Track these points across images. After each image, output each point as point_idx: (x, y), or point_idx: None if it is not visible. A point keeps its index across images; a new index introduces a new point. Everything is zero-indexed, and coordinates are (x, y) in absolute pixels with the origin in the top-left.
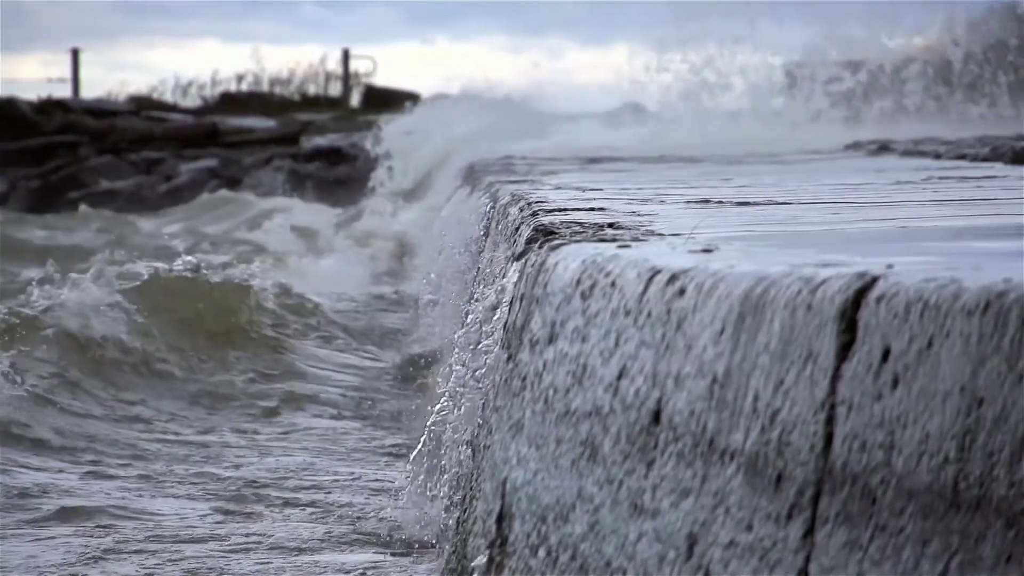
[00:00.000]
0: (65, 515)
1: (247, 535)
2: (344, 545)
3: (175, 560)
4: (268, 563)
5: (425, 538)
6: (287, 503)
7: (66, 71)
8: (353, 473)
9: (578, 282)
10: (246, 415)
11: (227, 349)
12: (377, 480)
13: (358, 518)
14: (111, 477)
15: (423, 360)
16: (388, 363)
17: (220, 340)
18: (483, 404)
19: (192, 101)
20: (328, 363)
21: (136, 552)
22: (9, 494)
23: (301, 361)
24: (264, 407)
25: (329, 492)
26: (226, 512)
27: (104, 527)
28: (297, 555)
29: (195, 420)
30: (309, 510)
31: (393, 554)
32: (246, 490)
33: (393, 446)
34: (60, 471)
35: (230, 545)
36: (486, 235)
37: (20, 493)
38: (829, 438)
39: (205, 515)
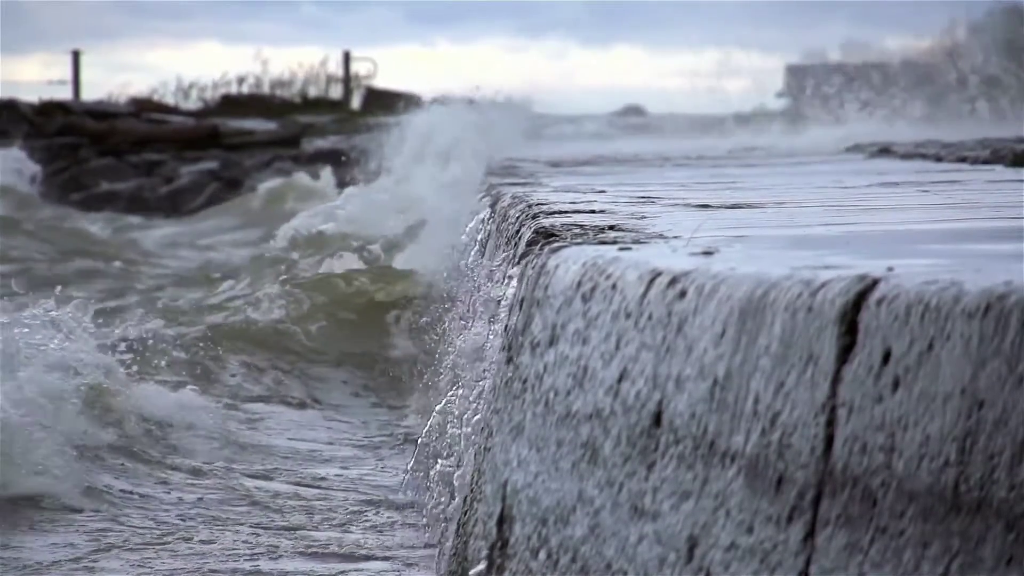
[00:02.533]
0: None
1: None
2: (342, 544)
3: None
4: (257, 563)
5: (425, 539)
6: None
7: (67, 73)
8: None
9: (579, 284)
10: None
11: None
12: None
13: (358, 514)
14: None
15: None
16: None
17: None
18: (484, 406)
19: (193, 103)
20: None
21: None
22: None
23: None
24: None
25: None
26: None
27: (101, 525)
28: (293, 558)
29: None
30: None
31: (393, 555)
32: None
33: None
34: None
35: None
36: (487, 237)
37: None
38: (830, 440)
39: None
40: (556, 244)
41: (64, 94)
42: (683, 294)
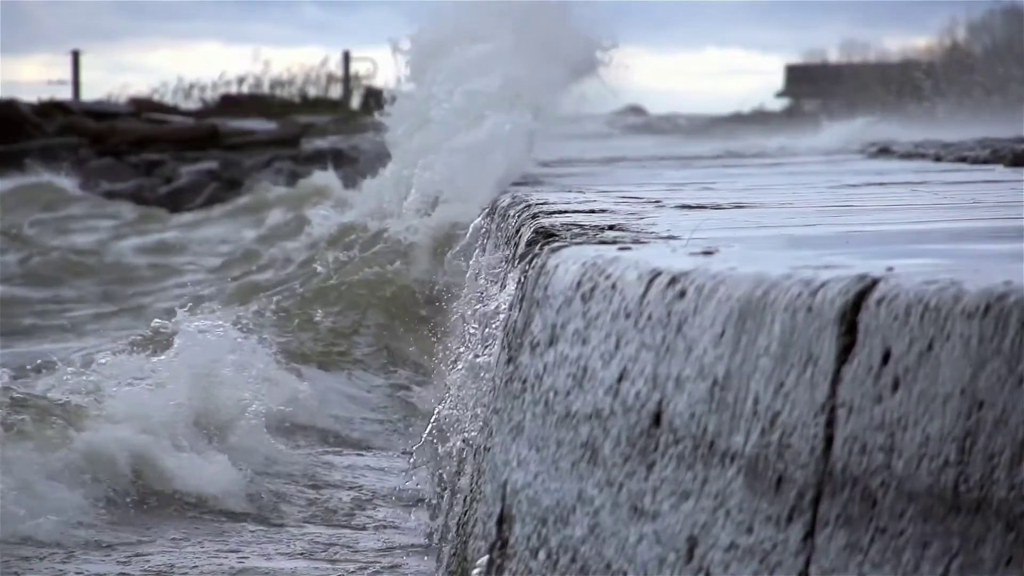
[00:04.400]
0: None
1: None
2: (340, 541)
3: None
4: (246, 562)
5: (424, 540)
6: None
7: (67, 73)
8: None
9: (579, 284)
10: None
11: None
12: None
13: (358, 509)
14: None
15: None
16: None
17: None
18: (484, 406)
19: (193, 103)
20: None
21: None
22: None
23: None
24: None
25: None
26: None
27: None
28: (289, 557)
29: None
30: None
31: (391, 554)
32: None
33: None
34: None
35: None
36: (487, 237)
37: None
38: (829, 440)
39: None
40: (556, 244)
41: (64, 94)
42: (683, 294)
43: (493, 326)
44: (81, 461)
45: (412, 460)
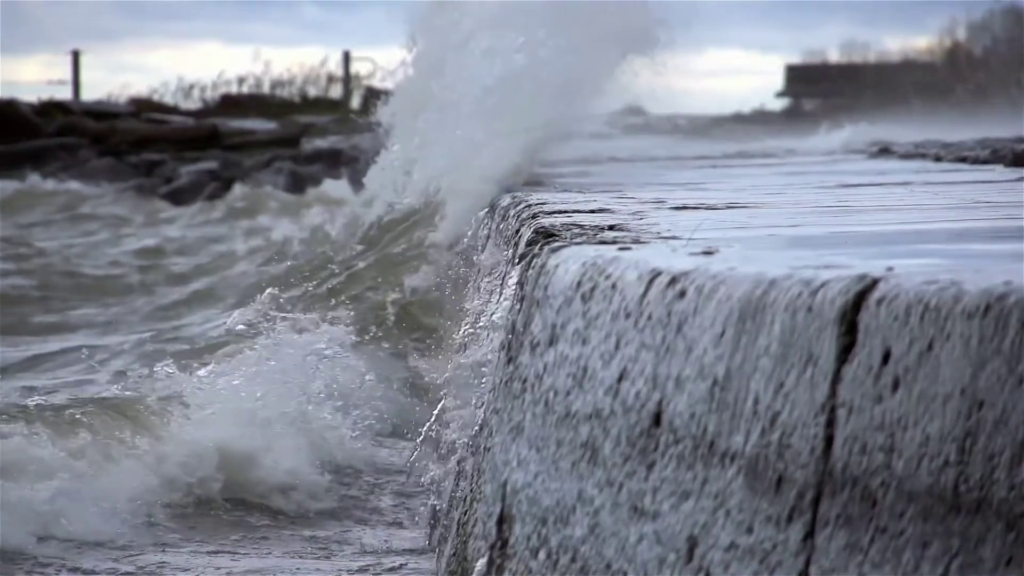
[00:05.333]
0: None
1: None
2: (338, 540)
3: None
4: (239, 562)
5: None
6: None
7: (67, 73)
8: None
9: (579, 284)
10: None
11: None
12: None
13: (357, 506)
14: None
15: None
16: None
17: None
18: (484, 406)
19: (193, 103)
20: None
21: None
22: None
23: None
24: None
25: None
26: None
27: None
28: (285, 556)
29: None
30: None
31: (392, 555)
32: None
33: None
34: None
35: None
36: (487, 237)
37: None
38: (829, 440)
39: None
40: (556, 244)
41: (64, 94)
42: (683, 294)
43: (482, 378)
44: (119, 461)
45: (417, 449)
